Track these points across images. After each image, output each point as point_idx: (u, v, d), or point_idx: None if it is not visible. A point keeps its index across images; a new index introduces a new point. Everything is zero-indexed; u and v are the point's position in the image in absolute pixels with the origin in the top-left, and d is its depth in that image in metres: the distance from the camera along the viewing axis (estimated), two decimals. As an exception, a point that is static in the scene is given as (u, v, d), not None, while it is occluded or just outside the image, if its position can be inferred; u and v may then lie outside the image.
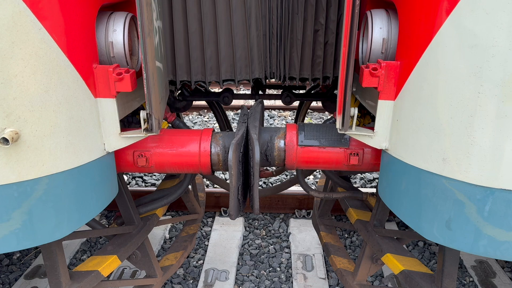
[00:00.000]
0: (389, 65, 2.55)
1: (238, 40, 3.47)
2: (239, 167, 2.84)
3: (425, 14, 2.30)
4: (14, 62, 2.16)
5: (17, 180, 2.34)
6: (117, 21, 2.70)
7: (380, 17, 2.70)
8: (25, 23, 2.15)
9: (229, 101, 4.39)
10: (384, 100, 2.64)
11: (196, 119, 9.82)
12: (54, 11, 2.27)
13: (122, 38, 2.68)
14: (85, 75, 2.50)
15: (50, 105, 2.34)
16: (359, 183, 6.96)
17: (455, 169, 2.32)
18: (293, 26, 3.45)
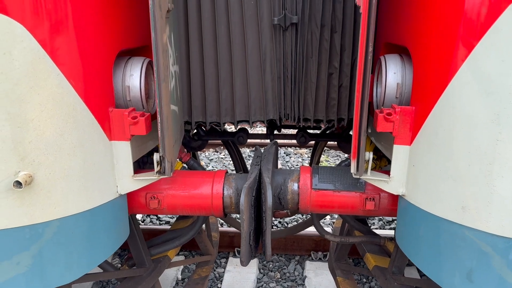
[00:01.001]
0: (404, 110, 2.51)
1: (253, 83, 3.50)
2: (251, 212, 2.80)
3: (440, 60, 2.29)
4: (32, 107, 2.21)
5: (29, 223, 2.34)
6: (135, 66, 2.77)
7: (394, 62, 2.70)
8: (44, 69, 2.22)
9: (243, 141, 4.39)
10: (399, 145, 2.59)
11: (213, 156, 9.86)
12: (73, 58, 2.34)
13: (139, 82, 2.73)
14: (100, 119, 2.54)
15: (64, 148, 2.37)
16: (377, 224, 6.78)
17: (475, 218, 2.22)
18: (307, 69, 3.48)
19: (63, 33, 2.28)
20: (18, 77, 2.16)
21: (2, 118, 2.16)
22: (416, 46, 2.49)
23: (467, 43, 2.13)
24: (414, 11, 2.49)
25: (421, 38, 2.42)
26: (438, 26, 2.28)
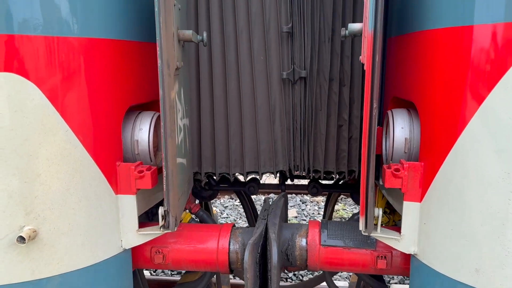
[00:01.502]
0: (412, 166, 2.46)
1: (262, 134, 3.52)
2: (256, 270, 2.71)
3: (447, 115, 2.26)
4: (40, 162, 2.26)
5: (31, 278, 2.32)
6: (144, 120, 2.82)
7: (401, 116, 2.68)
8: (53, 126, 2.28)
9: (254, 191, 4.35)
10: (409, 202, 2.51)
11: (228, 203, 9.79)
12: (82, 114, 2.41)
13: (147, 136, 2.78)
14: (107, 173, 2.57)
15: (70, 203, 2.39)
16: (397, 279, 6.49)
17: (490, 282, 2.10)
18: (316, 121, 3.49)
19: (73, 90, 2.36)
20: (28, 133, 2.22)
21: (10, 173, 2.20)
22: (422, 101, 2.48)
23: (476, 98, 2.10)
24: (418, 66, 2.49)
25: (427, 93, 2.41)
26: (443, 80, 2.27)
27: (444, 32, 2.26)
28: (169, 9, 2.42)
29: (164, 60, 2.41)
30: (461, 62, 2.18)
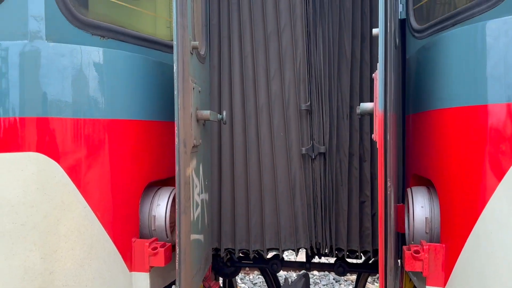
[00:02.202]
0: (433, 248, 2.33)
1: (282, 209, 3.49)
2: None
3: (465, 195, 2.17)
4: (57, 238, 2.32)
5: None
6: (162, 197, 2.88)
7: (421, 194, 2.60)
8: (72, 202, 2.37)
9: (277, 269, 4.20)
10: (432, 287, 2.35)
11: (257, 280, 9.44)
12: (101, 191, 2.50)
13: (164, 212, 2.81)
14: (122, 250, 2.59)
15: (84, 280, 2.40)
16: None
17: None
18: (338, 197, 3.44)
19: (95, 169, 2.47)
20: (48, 210, 2.31)
21: (27, 249, 2.26)
22: (439, 179, 2.41)
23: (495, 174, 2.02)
24: (434, 143, 2.45)
25: (444, 171, 2.34)
26: (460, 158, 2.21)
27: (458, 111, 2.25)
28: (187, 92, 2.56)
29: (181, 139, 2.51)
30: (477, 139, 2.13)
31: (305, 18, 3.43)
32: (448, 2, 2.87)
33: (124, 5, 3.13)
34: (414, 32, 2.92)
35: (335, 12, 3.43)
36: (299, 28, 3.44)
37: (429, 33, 2.72)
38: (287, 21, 3.46)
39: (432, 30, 2.69)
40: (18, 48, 2.30)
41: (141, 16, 3.44)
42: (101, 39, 2.65)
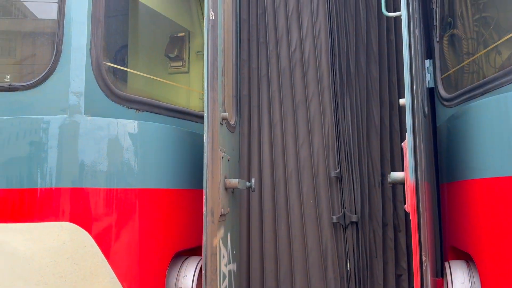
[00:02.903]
0: (478, 330, 2.14)
1: (314, 282, 3.34)
2: None
3: (508, 273, 2.01)
4: (82, 310, 2.30)
5: None
6: (189, 267, 2.84)
7: (460, 269, 2.44)
8: (100, 273, 2.37)
9: None
10: None
11: None
12: (129, 262, 2.49)
13: (191, 284, 2.76)
14: (147, 322, 2.52)
15: None
16: None
17: None
18: (372, 269, 3.27)
19: (124, 238, 2.49)
20: (76, 280, 2.31)
21: (53, 321, 2.24)
22: (479, 253, 2.26)
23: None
24: (472, 215, 2.34)
25: (484, 245, 2.20)
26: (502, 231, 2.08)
27: (493, 182, 2.16)
28: (216, 161, 2.61)
29: (208, 208, 2.51)
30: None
31: (332, 88, 3.50)
32: (477, 70, 2.88)
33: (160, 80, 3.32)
34: (443, 101, 2.91)
35: (362, 81, 3.50)
36: (326, 97, 3.50)
37: (459, 101, 2.70)
38: (315, 91, 3.54)
39: (461, 99, 2.67)
40: (58, 122, 2.45)
41: (175, 89, 3.63)
42: (136, 112, 2.79)
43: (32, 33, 2.99)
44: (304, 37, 3.61)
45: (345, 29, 3.53)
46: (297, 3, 3.65)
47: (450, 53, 3.09)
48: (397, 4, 3.48)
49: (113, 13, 2.99)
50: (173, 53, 3.69)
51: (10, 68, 2.95)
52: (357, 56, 3.52)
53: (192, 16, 3.82)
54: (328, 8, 3.57)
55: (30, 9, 3.01)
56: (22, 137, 2.48)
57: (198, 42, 3.87)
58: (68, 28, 2.54)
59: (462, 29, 3.00)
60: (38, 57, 2.86)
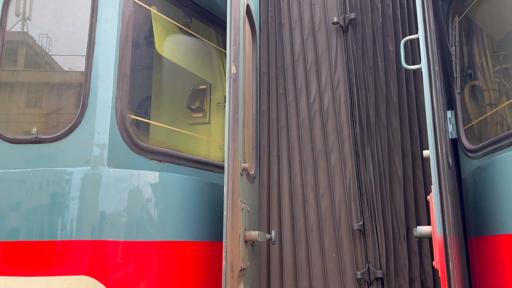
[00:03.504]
0: None
1: None
2: None
3: None
4: None
5: None
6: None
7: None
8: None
9: None
10: None
11: None
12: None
13: None
14: None
15: None
16: None
17: None
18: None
19: (141, 292, 2.43)
20: (91, 337, 2.24)
21: None
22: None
23: None
24: (504, 271, 2.21)
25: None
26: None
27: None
28: (236, 213, 2.57)
29: (228, 262, 2.44)
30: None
31: (352, 138, 3.49)
32: (500, 121, 2.83)
33: (181, 131, 3.37)
34: (468, 152, 2.85)
35: (383, 132, 3.47)
36: (347, 148, 3.48)
37: (484, 153, 2.64)
38: (335, 141, 3.53)
39: (486, 150, 2.61)
40: (81, 173, 2.48)
41: (196, 139, 3.67)
42: (158, 163, 2.81)
43: (59, 86, 3.11)
44: (323, 89, 3.66)
45: (363, 81, 3.57)
46: (315, 56, 3.73)
47: (472, 104, 3.07)
48: (415, 56, 3.52)
49: (138, 67, 3.10)
50: (194, 104, 3.77)
51: (37, 120, 3.04)
52: (376, 107, 3.53)
53: (213, 69, 3.93)
54: (346, 61, 3.63)
55: (58, 62, 3.14)
56: (45, 188, 2.51)
57: (219, 93, 3.96)
58: (95, 82, 2.63)
59: (483, 80, 2.99)
60: (65, 109, 2.95)
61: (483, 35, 3.05)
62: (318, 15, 3.80)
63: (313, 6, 3.83)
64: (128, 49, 2.79)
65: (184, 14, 3.49)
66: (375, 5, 3.70)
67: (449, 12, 3.27)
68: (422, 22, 2.44)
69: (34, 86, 3.15)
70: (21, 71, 3.06)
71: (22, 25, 3.07)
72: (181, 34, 3.52)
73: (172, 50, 3.47)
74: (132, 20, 2.86)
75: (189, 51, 3.66)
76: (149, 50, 3.21)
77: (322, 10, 3.79)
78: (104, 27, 2.71)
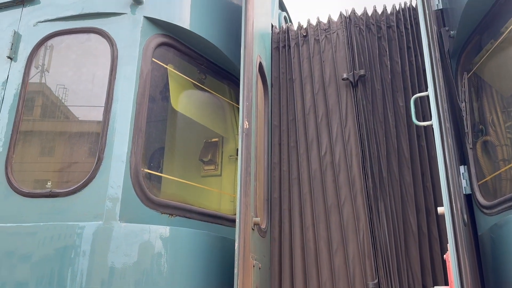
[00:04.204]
0: None
1: None
2: None
3: None
4: None
5: None
6: None
7: None
8: None
9: None
10: None
11: None
12: None
13: None
14: None
15: None
16: None
17: None
18: None
19: None
20: None
21: None
22: None
23: None
24: None
25: None
26: None
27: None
28: (247, 271, 2.52)
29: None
30: None
31: (365, 192, 3.45)
32: (515, 177, 2.80)
33: (193, 185, 3.39)
34: (483, 208, 2.80)
35: (396, 186, 3.44)
36: (360, 202, 3.44)
37: (500, 210, 2.59)
38: (347, 194, 3.50)
39: (503, 207, 2.56)
40: (93, 228, 2.48)
41: (207, 192, 3.67)
42: (169, 217, 2.81)
43: (75, 140, 3.18)
44: (334, 142, 3.68)
45: (374, 135, 3.59)
46: (326, 110, 3.80)
47: (485, 159, 3.05)
48: (425, 111, 3.56)
49: (153, 121, 3.17)
50: (207, 157, 3.81)
51: (53, 171, 3.09)
52: (388, 161, 3.52)
53: (226, 122, 4.00)
54: (357, 115, 3.68)
55: (75, 114, 3.22)
56: (56, 242, 2.50)
57: (231, 146, 4.01)
58: (111, 137, 2.70)
59: (495, 136, 3.00)
60: (80, 162, 3.00)
61: (493, 91, 3.09)
62: (328, 71, 3.91)
63: (323, 63, 3.95)
64: (145, 105, 2.88)
65: (199, 71, 3.62)
66: (384, 62, 3.80)
67: (458, 69, 3.33)
68: (431, 80, 2.50)
69: (51, 141, 3.21)
70: (38, 120, 3.15)
71: (40, 77, 3.21)
72: (195, 89, 3.63)
73: (186, 105, 3.56)
74: (150, 78, 2.97)
75: (202, 106, 3.76)
76: (164, 104, 3.30)
77: (332, 66, 3.90)
78: (122, 85, 2.82)
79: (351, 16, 3.98)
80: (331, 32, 4.03)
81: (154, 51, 3.07)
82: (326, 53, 3.98)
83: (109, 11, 3.04)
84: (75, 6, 3.12)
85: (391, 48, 3.83)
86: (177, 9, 3.21)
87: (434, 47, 2.59)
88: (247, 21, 2.98)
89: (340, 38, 3.96)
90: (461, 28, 3.16)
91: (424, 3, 2.72)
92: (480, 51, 3.15)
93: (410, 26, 3.83)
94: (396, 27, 3.87)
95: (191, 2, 3.33)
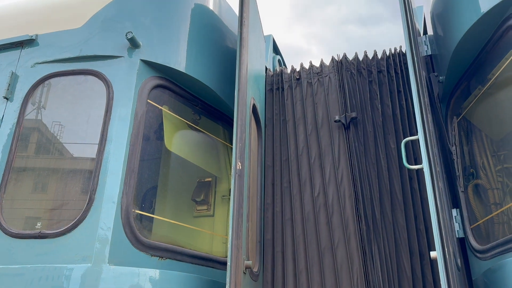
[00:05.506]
0: None
1: None
2: None
3: None
4: None
5: None
6: None
7: None
8: None
9: None
10: None
11: None
12: None
13: None
14: None
15: None
16: None
17: None
18: None
19: None
20: None
21: None
22: None
23: None
24: None
25: None
26: None
27: None
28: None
29: None
30: None
31: (359, 235, 3.43)
32: (507, 221, 2.80)
33: (184, 226, 3.35)
34: (477, 253, 2.78)
35: (389, 229, 3.42)
36: (353, 245, 3.40)
37: (494, 254, 2.57)
38: (341, 237, 3.47)
39: (496, 251, 2.55)
40: (81, 270, 2.43)
41: (199, 233, 3.63)
42: (159, 260, 2.75)
43: (67, 179, 3.17)
44: (327, 183, 3.69)
45: (367, 177, 3.61)
46: (319, 151, 3.83)
47: (477, 202, 3.06)
48: (417, 153, 3.60)
49: (146, 161, 3.18)
50: (199, 197, 3.79)
51: (43, 211, 3.05)
52: (381, 203, 3.52)
53: (219, 162, 4.01)
54: (349, 156, 3.71)
55: (69, 150, 3.21)
56: (44, 284, 2.44)
57: (224, 186, 4.00)
58: (103, 178, 2.69)
59: (486, 179, 3.02)
60: (71, 201, 2.97)
61: (482, 135, 3.14)
62: (320, 113, 3.97)
63: (316, 105, 4.02)
64: (138, 145, 2.89)
65: (193, 112, 3.67)
66: (375, 105, 3.88)
67: (448, 113, 3.41)
68: (421, 125, 2.54)
69: (44, 174, 3.18)
70: (32, 157, 3.14)
71: (36, 114, 3.22)
72: (189, 130, 3.66)
73: (180, 145, 3.58)
74: (144, 119, 3.00)
75: (196, 146, 3.78)
76: (158, 145, 3.32)
77: (325, 108, 3.97)
78: (116, 126, 2.84)
79: (342, 61, 4.10)
80: (323, 75, 4.13)
81: (150, 93, 3.12)
82: (318, 95, 4.06)
83: (106, 54, 3.11)
84: (73, 49, 3.19)
85: (382, 91, 3.92)
86: (173, 52, 3.29)
87: (423, 92, 2.66)
88: (241, 64, 3.06)
89: (332, 81, 4.06)
90: (449, 73, 3.26)
91: (413, 50, 2.81)
92: (469, 96, 3.23)
93: (400, 70, 3.94)
94: (387, 72, 3.98)
95: (187, 46, 3.41)
